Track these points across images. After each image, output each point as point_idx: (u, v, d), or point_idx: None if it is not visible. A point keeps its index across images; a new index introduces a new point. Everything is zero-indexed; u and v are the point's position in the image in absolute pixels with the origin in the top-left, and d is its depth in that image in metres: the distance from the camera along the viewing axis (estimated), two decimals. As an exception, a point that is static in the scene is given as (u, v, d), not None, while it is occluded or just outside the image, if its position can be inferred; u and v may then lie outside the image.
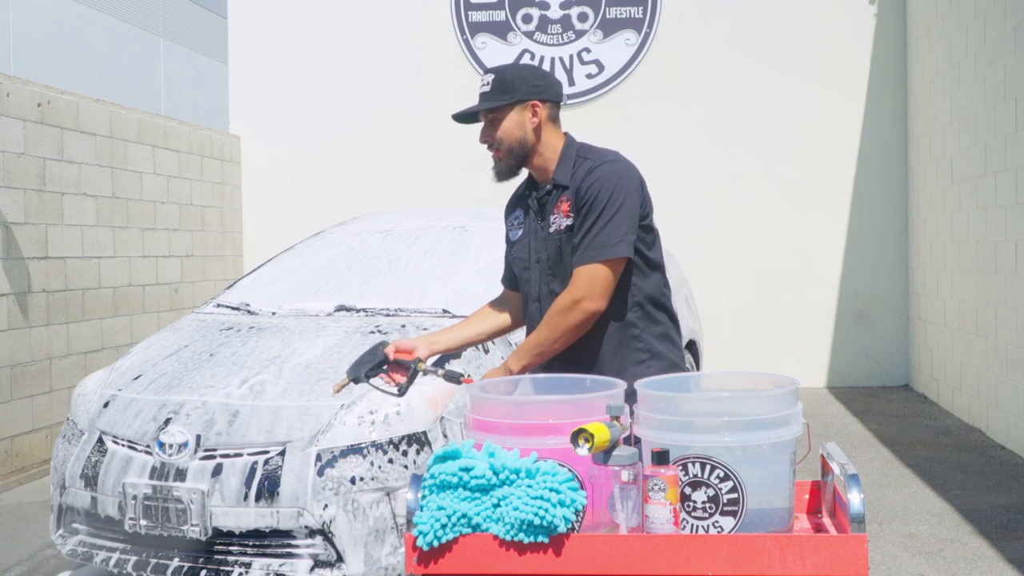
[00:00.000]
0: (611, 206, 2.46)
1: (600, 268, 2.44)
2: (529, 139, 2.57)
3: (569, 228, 2.51)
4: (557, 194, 2.58)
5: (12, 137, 5.82)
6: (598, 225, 2.46)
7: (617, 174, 2.51)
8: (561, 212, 2.54)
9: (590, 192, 2.48)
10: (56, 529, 3.52)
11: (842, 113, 8.63)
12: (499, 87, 2.56)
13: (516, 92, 2.55)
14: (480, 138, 2.60)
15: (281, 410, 3.25)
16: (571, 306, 2.43)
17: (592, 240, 2.45)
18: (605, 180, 2.49)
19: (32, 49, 12.82)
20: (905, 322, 8.61)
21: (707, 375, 2.16)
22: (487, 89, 2.57)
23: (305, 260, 4.61)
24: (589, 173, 2.51)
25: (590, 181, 2.49)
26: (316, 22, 9.24)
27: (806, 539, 1.74)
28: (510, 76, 2.56)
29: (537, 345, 2.48)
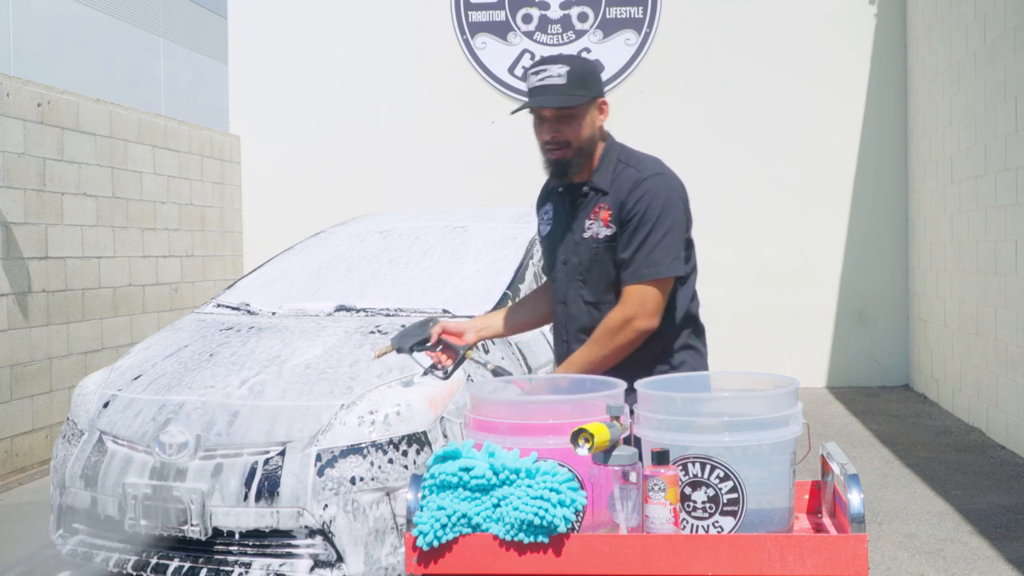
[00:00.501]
0: (662, 223, 2.40)
1: (653, 287, 2.39)
2: (596, 138, 2.50)
3: (609, 239, 2.45)
4: (595, 199, 2.49)
5: (12, 137, 5.82)
6: (650, 242, 2.39)
7: (666, 188, 2.45)
8: (600, 220, 2.46)
9: (639, 206, 2.41)
10: (56, 529, 3.51)
11: (842, 113, 8.63)
12: (577, 81, 2.41)
13: (592, 88, 2.44)
14: (545, 134, 2.45)
15: (281, 410, 3.25)
16: (623, 325, 2.38)
17: (646, 258, 2.39)
18: (655, 195, 2.42)
19: (32, 49, 12.82)
20: (905, 322, 8.61)
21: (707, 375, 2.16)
22: (561, 81, 2.39)
23: (305, 260, 4.61)
24: (636, 185, 2.43)
25: (638, 195, 2.42)
26: (316, 22, 9.24)
27: (806, 539, 1.74)
28: (585, 70, 2.43)
29: (588, 363, 2.40)
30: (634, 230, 2.41)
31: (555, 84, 2.39)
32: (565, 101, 2.39)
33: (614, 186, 2.47)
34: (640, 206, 2.41)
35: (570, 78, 2.39)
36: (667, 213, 2.42)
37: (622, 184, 2.46)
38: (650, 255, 2.39)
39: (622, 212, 2.43)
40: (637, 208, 2.41)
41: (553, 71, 2.39)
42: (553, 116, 2.43)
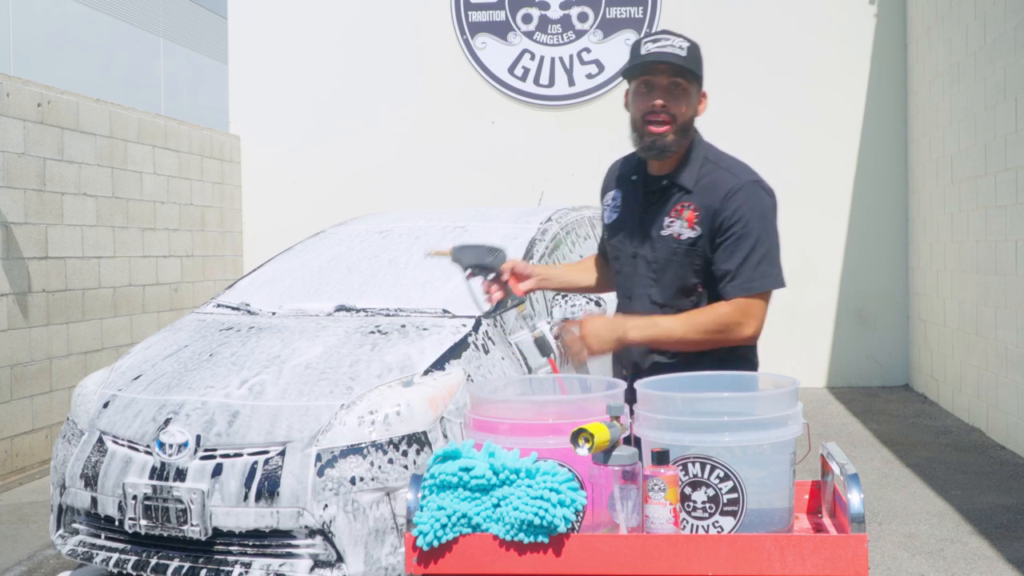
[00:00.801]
0: (767, 235, 2.36)
1: (760, 299, 2.36)
2: (692, 126, 2.43)
3: (692, 242, 2.38)
4: (677, 196, 2.42)
5: (12, 137, 5.82)
6: (757, 254, 2.34)
7: (767, 198, 2.41)
8: (684, 220, 2.39)
9: (740, 215, 2.35)
10: (56, 529, 3.52)
11: (842, 113, 8.63)
12: (695, 61, 2.36)
13: (702, 75, 2.40)
14: (656, 101, 2.34)
15: (281, 410, 3.25)
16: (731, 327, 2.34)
17: (754, 270, 2.34)
18: (756, 206, 2.37)
19: (32, 49, 12.82)
20: (905, 322, 8.61)
21: (707, 375, 2.16)
22: (681, 53, 2.32)
23: (305, 260, 4.61)
24: (734, 193, 2.36)
25: (738, 203, 2.36)
26: (316, 22, 9.24)
27: (806, 539, 1.74)
28: (700, 56, 2.38)
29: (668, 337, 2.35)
30: (737, 240, 2.35)
31: (675, 53, 2.32)
32: (690, 63, 2.32)
33: (700, 186, 2.40)
34: (740, 215, 2.35)
35: (689, 53, 2.34)
36: (770, 224, 2.38)
37: (713, 187, 2.39)
38: (758, 267, 2.34)
39: (716, 219, 2.37)
40: (738, 217, 2.35)
41: (674, 42, 2.34)
42: (666, 85, 2.34)
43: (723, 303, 2.37)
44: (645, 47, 2.35)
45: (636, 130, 2.42)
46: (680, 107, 2.36)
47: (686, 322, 2.36)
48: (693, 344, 2.36)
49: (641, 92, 2.39)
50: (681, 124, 2.37)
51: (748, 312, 2.34)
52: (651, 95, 2.36)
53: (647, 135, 2.38)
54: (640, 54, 2.36)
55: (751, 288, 2.34)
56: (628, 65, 2.39)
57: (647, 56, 2.33)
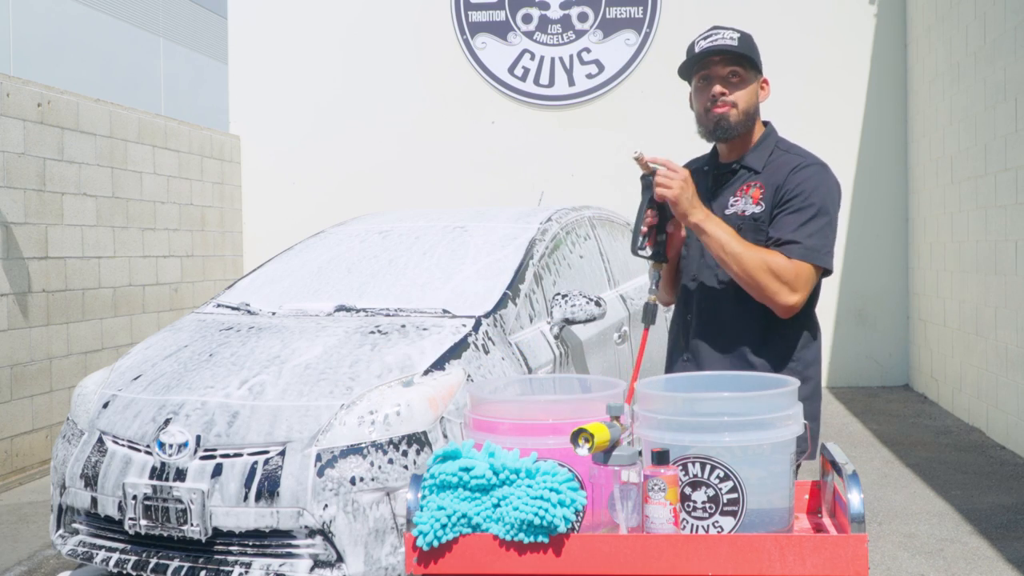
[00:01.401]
0: (825, 212, 2.35)
1: (810, 270, 2.33)
2: (756, 114, 2.46)
3: (756, 217, 2.38)
4: (745, 176, 2.44)
5: (12, 137, 5.82)
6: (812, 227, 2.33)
7: (830, 179, 2.40)
8: (750, 197, 2.41)
9: (801, 188, 2.35)
10: (56, 529, 3.52)
11: (842, 113, 8.64)
12: (749, 48, 2.41)
13: (759, 62, 2.44)
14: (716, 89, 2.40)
15: (281, 410, 3.25)
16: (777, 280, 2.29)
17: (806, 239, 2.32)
18: (820, 182, 2.37)
19: (32, 49, 12.82)
20: (905, 322, 8.61)
21: (707, 375, 2.16)
22: (733, 43, 2.39)
23: (305, 260, 4.61)
24: (799, 169, 2.38)
25: (801, 177, 2.37)
26: (316, 22, 9.24)
27: (806, 539, 1.74)
28: (753, 43, 2.43)
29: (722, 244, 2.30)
30: (796, 211, 2.34)
31: (727, 44, 2.38)
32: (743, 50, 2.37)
33: (768, 168, 2.43)
34: (803, 188, 2.35)
35: (742, 43, 2.40)
36: (830, 204, 2.36)
37: (780, 168, 2.41)
38: (811, 238, 2.32)
39: (778, 194, 2.37)
40: (799, 190, 2.35)
41: (725, 34, 2.40)
42: (724, 75, 2.40)
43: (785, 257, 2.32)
44: (699, 44, 2.43)
45: (701, 123, 2.48)
46: (739, 94, 2.41)
47: (745, 245, 2.32)
48: (738, 267, 2.30)
49: (700, 87, 2.45)
50: (743, 109, 2.41)
51: (799, 278, 2.31)
52: (710, 84, 2.42)
53: (712, 117, 2.43)
54: (694, 52, 2.43)
55: (802, 255, 2.31)
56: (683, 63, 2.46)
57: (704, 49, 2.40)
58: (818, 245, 2.33)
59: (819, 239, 2.34)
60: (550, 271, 4.39)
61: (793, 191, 2.36)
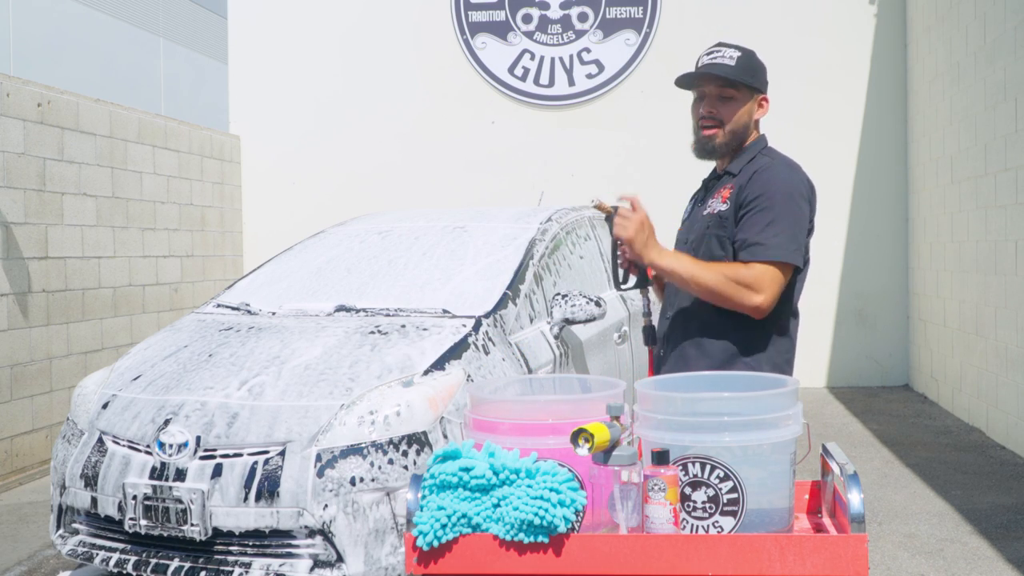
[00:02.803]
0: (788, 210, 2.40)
1: (775, 270, 2.39)
2: (749, 130, 2.54)
3: (721, 215, 2.47)
4: (726, 180, 2.55)
5: (12, 137, 5.82)
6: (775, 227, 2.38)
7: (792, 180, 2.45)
8: (720, 197, 2.50)
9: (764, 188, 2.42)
10: (56, 529, 3.52)
11: (842, 113, 8.64)
12: (746, 69, 2.47)
13: (759, 81, 2.50)
14: (704, 109, 2.51)
15: (280, 410, 3.25)
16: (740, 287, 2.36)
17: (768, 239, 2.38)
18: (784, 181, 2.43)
19: (32, 49, 12.82)
20: (905, 322, 8.61)
21: (707, 375, 2.16)
22: (730, 63, 2.46)
23: (305, 260, 4.61)
24: (763, 170, 2.46)
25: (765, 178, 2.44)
26: (316, 22, 9.24)
27: (806, 539, 1.74)
28: (755, 62, 2.50)
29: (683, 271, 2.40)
30: (760, 211, 2.41)
31: (723, 64, 2.46)
32: (729, 73, 2.44)
33: (743, 171, 2.50)
34: (765, 188, 2.42)
35: (739, 63, 2.46)
36: (793, 202, 2.41)
37: (750, 169, 2.49)
38: (774, 238, 2.38)
39: (741, 193, 2.45)
40: (762, 189, 2.42)
41: (725, 53, 2.48)
42: (714, 95, 2.49)
43: (743, 264, 2.40)
44: (700, 60, 2.53)
45: (695, 136, 2.58)
46: (727, 113, 2.49)
47: (705, 265, 2.41)
48: (704, 289, 2.39)
49: (695, 101, 2.57)
50: (730, 129, 2.50)
51: (762, 280, 2.37)
52: (702, 103, 2.53)
53: (700, 138, 2.55)
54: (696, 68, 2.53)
55: (766, 255, 2.37)
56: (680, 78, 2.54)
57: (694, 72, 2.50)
58: (782, 243, 2.39)
59: (783, 237, 2.39)
60: (550, 271, 4.39)
61: (756, 191, 2.44)
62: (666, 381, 2.10)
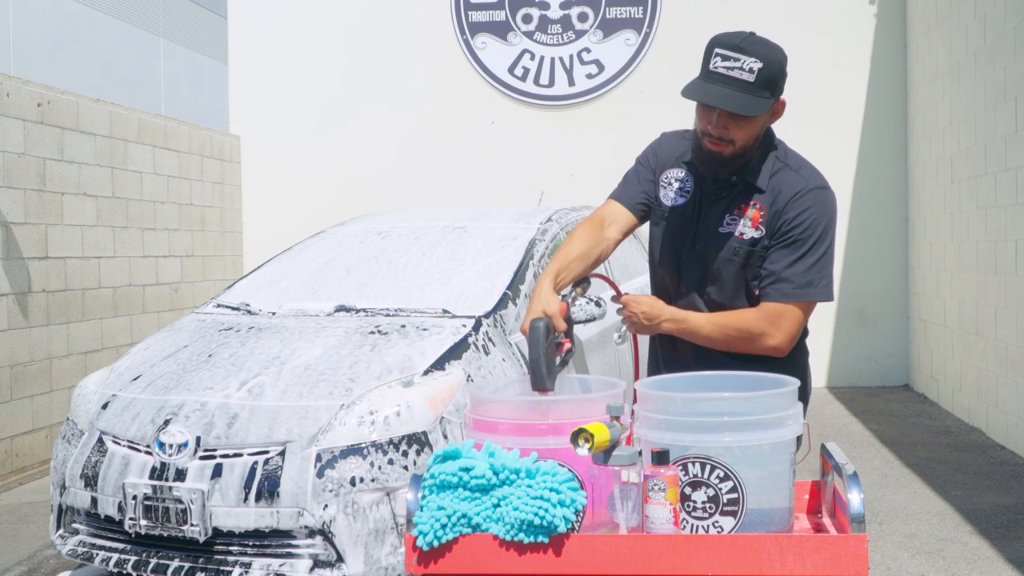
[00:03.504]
0: (822, 244, 2.27)
1: (797, 308, 2.28)
2: (759, 136, 2.30)
3: (754, 242, 2.31)
4: (745, 192, 2.33)
5: (12, 137, 5.82)
6: (806, 261, 2.26)
7: (830, 206, 2.31)
8: (749, 220, 2.31)
9: (800, 220, 2.26)
10: (56, 529, 3.52)
11: (842, 113, 8.63)
12: (765, 82, 2.18)
13: (777, 90, 2.22)
14: (713, 128, 2.23)
15: (280, 411, 3.25)
16: (755, 337, 2.28)
17: (798, 277, 2.26)
18: (820, 212, 2.27)
19: (32, 49, 12.82)
20: (905, 322, 8.61)
21: (707, 375, 2.16)
22: (749, 78, 2.16)
23: (304, 260, 4.61)
24: (800, 196, 2.28)
25: (801, 207, 2.27)
26: (316, 22, 9.24)
27: (806, 539, 1.74)
28: (776, 70, 2.19)
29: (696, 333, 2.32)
30: (790, 244, 2.27)
31: (741, 80, 2.16)
32: (747, 109, 2.17)
33: (771, 188, 2.31)
34: (802, 220, 2.26)
35: (759, 77, 2.16)
36: (828, 233, 2.28)
37: (781, 188, 2.30)
38: (804, 275, 2.26)
39: (777, 220, 2.29)
40: (799, 221, 2.26)
41: (745, 64, 2.16)
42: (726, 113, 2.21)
43: (750, 309, 2.32)
44: (714, 61, 2.20)
45: (695, 139, 2.35)
46: (740, 133, 2.24)
47: (713, 322, 2.33)
48: (719, 344, 2.33)
49: (701, 108, 2.28)
50: (742, 146, 2.27)
51: (776, 321, 2.28)
52: (709, 117, 2.26)
53: (705, 149, 2.31)
54: (708, 68, 2.22)
55: (788, 295, 2.28)
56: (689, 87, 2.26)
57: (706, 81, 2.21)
58: (812, 280, 2.28)
59: (814, 273, 2.28)
60: (550, 271, 4.38)
61: (792, 221, 2.28)
62: (666, 381, 2.10)
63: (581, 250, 2.41)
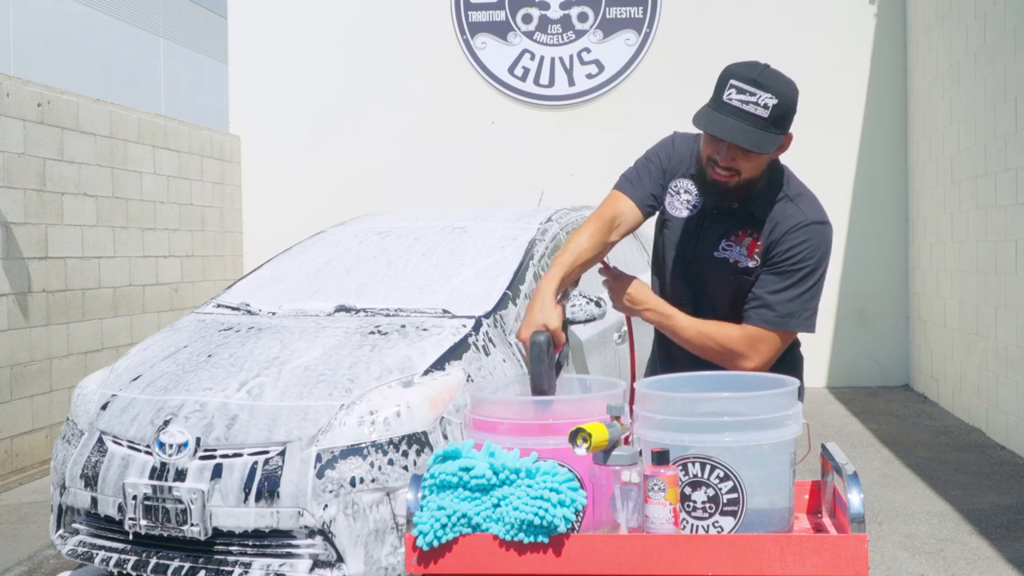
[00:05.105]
0: (812, 277, 2.29)
1: (776, 335, 2.30)
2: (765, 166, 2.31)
3: (747, 271, 2.34)
4: (744, 220, 2.34)
5: (12, 137, 5.82)
6: (792, 292, 2.28)
7: (826, 242, 2.32)
8: (745, 248, 2.33)
9: (794, 252, 2.28)
10: (56, 529, 3.51)
11: (842, 113, 8.63)
12: (778, 119, 2.18)
13: (788, 125, 2.23)
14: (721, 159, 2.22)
15: (280, 411, 3.25)
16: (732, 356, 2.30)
17: (782, 306, 2.28)
18: (814, 247, 2.29)
19: (32, 49, 12.82)
20: (905, 322, 8.61)
21: (707, 375, 2.16)
22: (763, 114, 2.15)
23: (304, 261, 4.61)
24: (797, 229, 2.29)
25: (797, 239, 2.28)
26: (316, 22, 9.24)
27: (806, 539, 1.74)
28: (789, 107, 2.20)
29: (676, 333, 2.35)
30: (780, 273, 2.29)
31: (755, 115, 2.16)
32: (759, 146, 2.16)
33: (771, 217, 2.32)
34: (796, 252, 2.28)
35: (773, 113, 2.16)
36: (819, 268, 2.30)
37: (779, 219, 2.31)
38: (787, 304, 2.28)
39: (772, 249, 2.31)
40: (792, 253, 2.28)
41: (760, 99, 2.15)
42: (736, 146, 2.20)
43: (736, 327, 2.33)
44: (728, 92, 2.18)
45: (699, 164, 2.34)
46: (747, 166, 2.24)
47: (696, 327, 2.34)
48: (695, 350, 2.36)
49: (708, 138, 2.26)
50: (748, 178, 2.27)
51: (756, 346, 2.30)
52: (716, 148, 2.24)
53: (709, 178, 2.30)
54: (721, 99, 2.20)
55: (769, 322, 2.29)
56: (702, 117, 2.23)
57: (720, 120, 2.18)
58: (795, 311, 2.29)
59: (797, 305, 2.29)
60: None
61: (785, 252, 2.30)
62: (666, 381, 2.10)
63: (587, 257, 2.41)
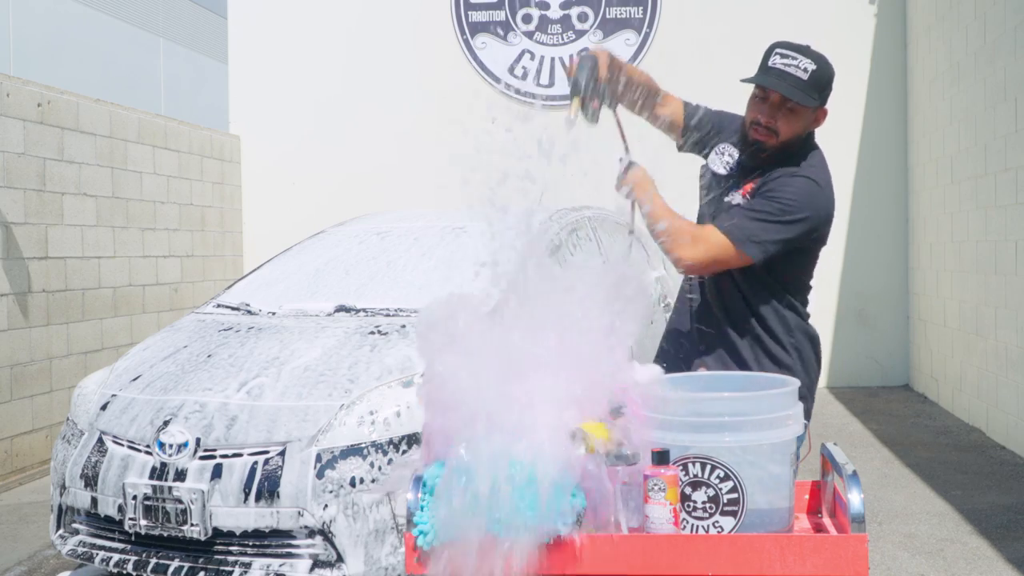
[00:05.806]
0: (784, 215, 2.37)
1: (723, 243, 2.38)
2: (800, 139, 2.48)
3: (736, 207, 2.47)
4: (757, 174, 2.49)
5: (12, 137, 5.82)
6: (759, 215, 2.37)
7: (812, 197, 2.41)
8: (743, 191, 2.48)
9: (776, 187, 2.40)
10: (56, 529, 3.52)
11: (842, 113, 8.62)
12: (816, 83, 2.38)
13: (824, 96, 2.42)
14: (764, 118, 2.42)
15: (280, 411, 3.25)
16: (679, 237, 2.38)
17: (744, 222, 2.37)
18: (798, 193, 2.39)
19: (32, 49, 12.81)
20: (905, 322, 8.61)
21: (707, 375, 2.16)
22: (803, 76, 2.37)
23: (304, 261, 4.61)
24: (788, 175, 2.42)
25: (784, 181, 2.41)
26: (316, 22, 9.24)
27: (806, 539, 1.74)
28: (827, 76, 2.41)
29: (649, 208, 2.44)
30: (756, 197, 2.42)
31: (795, 76, 2.37)
32: (799, 97, 2.37)
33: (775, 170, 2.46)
34: (777, 188, 2.39)
35: (812, 78, 2.37)
36: (795, 212, 2.38)
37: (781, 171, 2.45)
38: (749, 223, 2.37)
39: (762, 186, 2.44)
40: (773, 187, 2.40)
41: (801, 63, 2.38)
42: (777, 102, 2.41)
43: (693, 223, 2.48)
44: (773, 58, 2.42)
45: (743, 129, 2.51)
46: (785, 126, 2.42)
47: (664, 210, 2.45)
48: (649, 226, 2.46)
49: (755, 99, 2.48)
50: (783, 140, 2.43)
51: (701, 237, 2.40)
52: (761, 107, 2.44)
53: (750, 139, 2.48)
54: (767, 64, 2.43)
55: (726, 229, 2.39)
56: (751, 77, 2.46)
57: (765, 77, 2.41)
58: (753, 232, 2.37)
59: (757, 227, 2.37)
60: (550, 271, 4.38)
61: (768, 184, 2.43)
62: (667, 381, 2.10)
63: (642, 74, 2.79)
